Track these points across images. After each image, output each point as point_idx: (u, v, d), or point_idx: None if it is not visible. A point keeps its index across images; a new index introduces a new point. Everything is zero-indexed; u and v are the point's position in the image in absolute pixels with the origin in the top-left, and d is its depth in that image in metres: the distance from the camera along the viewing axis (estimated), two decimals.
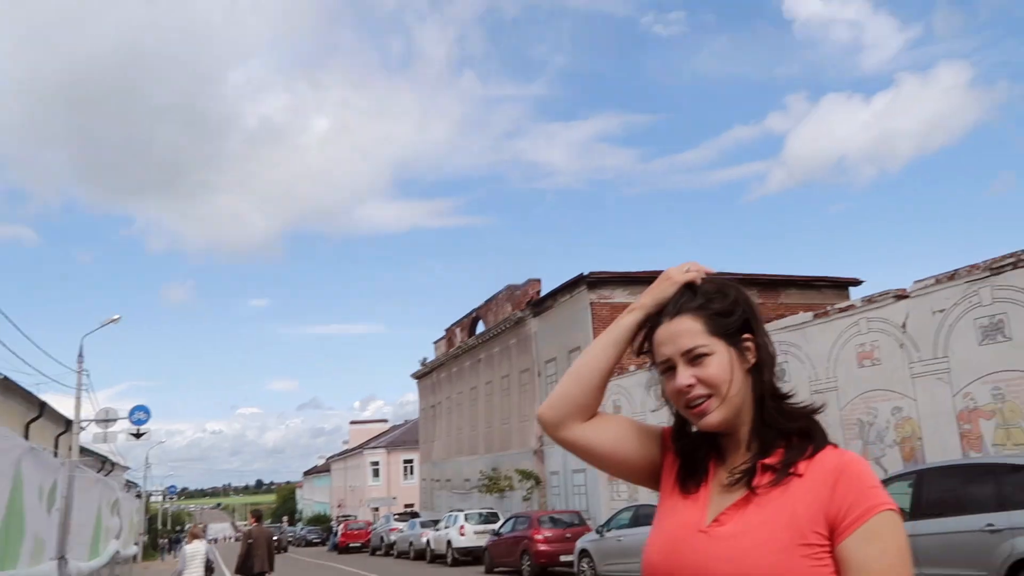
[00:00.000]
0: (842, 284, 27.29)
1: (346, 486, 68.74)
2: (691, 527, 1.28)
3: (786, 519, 1.19)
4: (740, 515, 1.24)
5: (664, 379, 1.34)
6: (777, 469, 1.26)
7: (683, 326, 1.30)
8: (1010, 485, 7.91)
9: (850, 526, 1.16)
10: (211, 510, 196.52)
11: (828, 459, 1.25)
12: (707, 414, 1.28)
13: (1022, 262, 12.17)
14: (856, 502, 1.17)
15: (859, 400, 15.09)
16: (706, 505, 1.30)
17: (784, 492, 1.23)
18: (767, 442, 1.29)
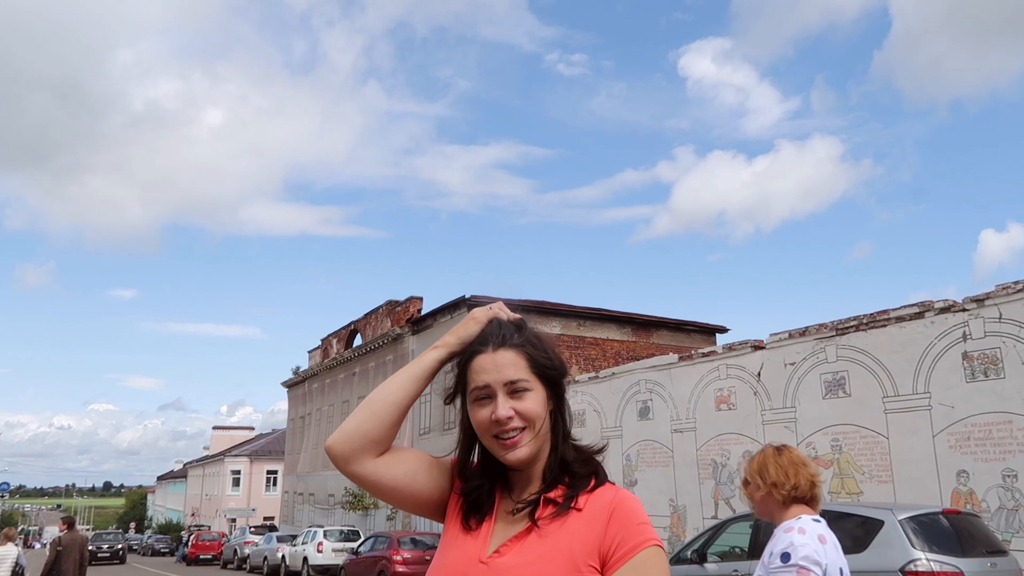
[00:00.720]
0: (710, 330, 28.61)
1: (202, 494, 65.42)
2: (472, 558, 1.30)
3: (564, 552, 1.24)
4: (520, 546, 1.28)
5: (473, 407, 1.36)
6: (559, 503, 1.31)
7: (508, 358, 1.34)
8: (838, 530, 8.28)
9: (619, 560, 1.23)
10: (50, 511, 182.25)
11: (605, 495, 1.32)
12: (518, 447, 1.31)
13: (864, 325, 13.18)
14: (626, 538, 1.24)
15: (714, 441, 15.81)
16: (488, 537, 1.33)
17: (563, 525, 1.28)
18: (554, 478, 1.35)
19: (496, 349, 1.35)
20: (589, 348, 26.34)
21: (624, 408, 18.37)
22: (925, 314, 12.34)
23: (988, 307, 11.55)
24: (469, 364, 1.37)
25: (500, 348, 1.35)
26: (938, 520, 8.06)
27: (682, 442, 16.60)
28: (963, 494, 11.47)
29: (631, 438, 18.00)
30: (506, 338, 1.37)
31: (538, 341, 1.40)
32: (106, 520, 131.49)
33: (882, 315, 12.98)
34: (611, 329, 26.48)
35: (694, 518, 15.90)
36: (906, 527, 7.75)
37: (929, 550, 7.54)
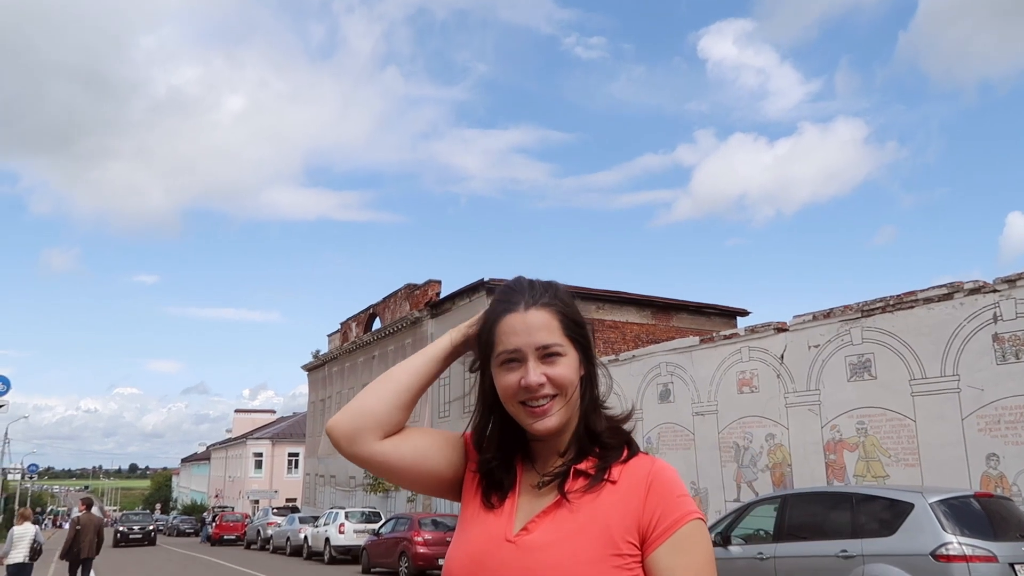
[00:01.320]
0: (730, 313, 28.38)
1: (226, 476, 66.28)
2: (498, 537, 1.20)
3: (599, 528, 1.15)
4: (550, 523, 1.19)
5: (499, 371, 1.24)
6: (591, 475, 1.21)
7: (540, 320, 1.23)
8: (864, 514, 8.32)
9: (660, 536, 1.14)
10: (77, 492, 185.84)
11: (641, 466, 1.22)
12: (548, 416, 1.21)
13: (891, 307, 12.96)
14: (666, 512, 1.16)
15: (736, 424, 15.68)
16: (513, 513, 1.23)
17: (597, 499, 1.19)
18: (583, 449, 1.25)
19: (528, 308, 1.24)
20: (608, 331, 26.22)
21: (645, 391, 18.27)
22: (954, 295, 12.10)
23: (1020, 288, 11.30)
24: (497, 324, 1.25)
25: (532, 307, 1.24)
26: (970, 503, 7.92)
27: (703, 425, 16.48)
28: (993, 477, 11.28)
29: (652, 421, 17.91)
30: (538, 297, 1.26)
31: (570, 300, 1.29)
32: (132, 501, 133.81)
33: (909, 296, 12.75)
34: (631, 312, 26.33)
35: (716, 501, 15.80)
36: (937, 510, 7.62)
37: (961, 534, 7.40)
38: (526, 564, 1.15)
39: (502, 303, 1.27)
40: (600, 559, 1.13)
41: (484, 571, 1.18)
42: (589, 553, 1.14)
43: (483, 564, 1.19)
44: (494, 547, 1.20)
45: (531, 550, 1.16)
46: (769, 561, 8.97)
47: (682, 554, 1.13)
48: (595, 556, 1.13)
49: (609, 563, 1.13)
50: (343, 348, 38.14)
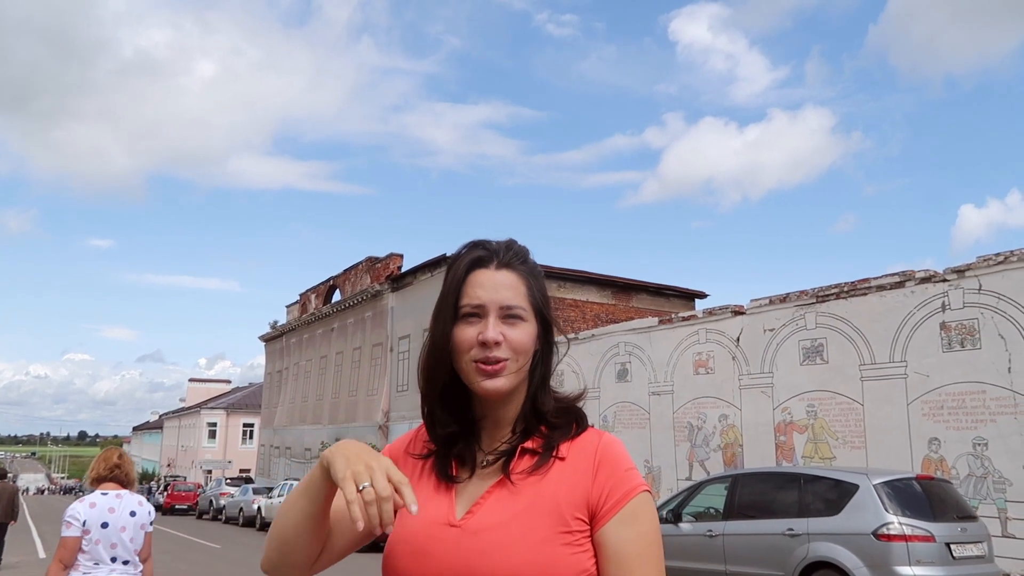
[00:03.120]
0: (689, 295, 28.71)
1: (178, 445, 65.43)
2: (440, 522, 1.16)
3: (548, 506, 1.13)
4: (495, 503, 1.15)
5: (459, 324, 1.20)
6: (539, 452, 1.18)
7: (508, 280, 1.21)
8: (810, 494, 8.54)
9: (610, 511, 1.13)
10: (24, 459, 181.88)
11: (588, 441, 1.20)
12: (499, 376, 1.17)
13: (845, 294, 13.24)
14: (616, 486, 1.14)
15: (691, 404, 15.94)
16: (454, 496, 1.19)
17: (545, 477, 1.16)
18: (530, 427, 1.21)
19: (500, 267, 1.21)
20: (569, 310, 26.35)
21: (603, 370, 18.44)
22: (906, 283, 12.41)
23: (968, 278, 11.62)
24: (466, 278, 1.21)
25: (504, 267, 1.22)
26: (911, 485, 8.18)
27: (659, 404, 16.72)
28: (934, 461, 11.67)
29: (608, 399, 18.11)
30: (512, 258, 1.23)
31: (540, 272, 1.27)
32: (81, 469, 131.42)
33: (863, 283, 13.04)
34: (591, 291, 26.49)
35: (668, 479, 16.09)
36: (880, 491, 7.86)
37: (902, 514, 7.65)
38: (472, 547, 1.11)
39: (474, 257, 1.23)
40: (549, 537, 1.10)
41: (427, 558, 1.13)
42: (538, 532, 1.11)
43: (426, 551, 1.14)
44: (437, 532, 1.15)
45: (477, 532, 1.13)
46: (718, 538, 9.17)
47: (631, 526, 1.13)
48: (544, 535, 1.11)
49: (558, 540, 1.11)
50: (301, 320, 37.75)
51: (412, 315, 27.33)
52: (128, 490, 4.09)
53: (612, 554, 1.11)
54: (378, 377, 29.22)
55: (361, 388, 30.61)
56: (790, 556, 8.29)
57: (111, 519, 3.89)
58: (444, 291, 1.23)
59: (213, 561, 15.28)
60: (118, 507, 3.94)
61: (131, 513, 3.97)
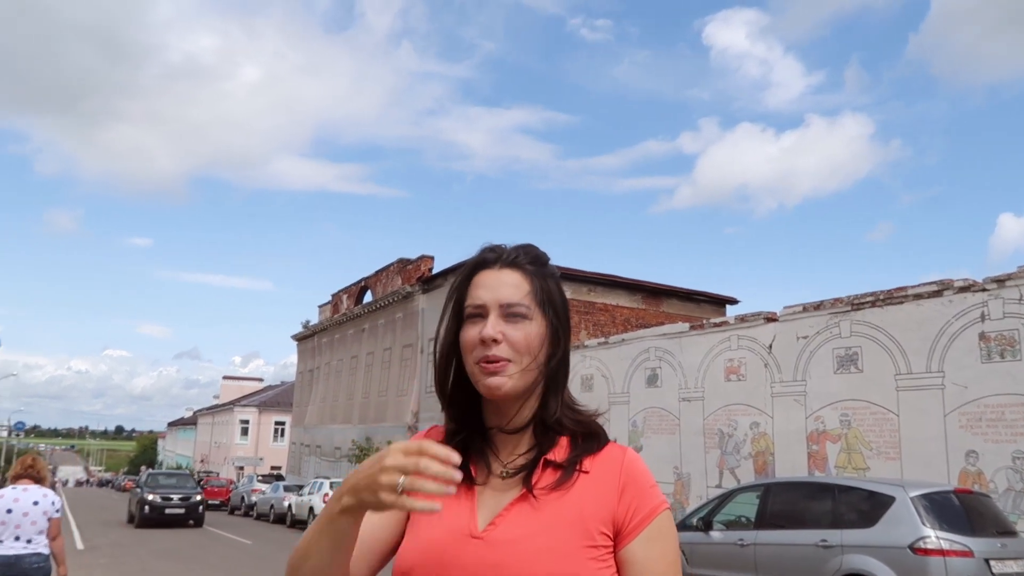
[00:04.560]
0: (720, 301, 28.47)
1: (212, 442, 66.41)
2: (461, 532, 1.12)
3: (573, 519, 1.11)
4: (519, 516, 1.12)
5: (465, 325, 1.17)
6: (564, 465, 1.15)
7: (511, 279, 1.18)
8: (845, 505, 8.43)
9: (636, 528, 1.12)
10: (63, 451, 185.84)
11: (613, 457, 1.18)
12: (499, 375, 1.13)
13: (881, 302, 13.04)
14: (641, 505, 1.14)
15: (722, 411, 15.80)
16: (475, 507, 1.15)
17: (569, 491, 1.13)
18: (548, 439, 1.18)
19: (502, 267, 1.19)
20: (599, 314, 26.29)
21: (632, 375, 18.37)
22: (944, 292, 12.18)
23: (1009, 288, 11.38)
24: (471, 279, 1.20)
25: (506, 266, 1.19)
26: (949, 499, 8.03)
27: (689, 411, 16.60)
28: (971, 474, 11.44)
29: (638, 404, 18.03)
30: (515, 257, 1.21)
31: (552, 271, 1.24)
32: (118, 462, 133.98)
33: (899, 292, 12.83)
34: (621, 296, 26.39)
35: (698, 486, 15.97)
36: (917, 504, 7.73)
37: (939, 528, 7.51)
38: (496, 560, 1.08)
39: (480, 259, 1.22)
40: (575, 551, 1.09)
41: (450, 570, 1.10)
42: (564, 546, 1.09)
43: (448, 563, 1.10)
44: (458, 543, 1.11)
45: (500, 545, 1.09)
46: (749, 548, 9.09)
47: (656, 544, 1.13)
48: (570, 548, 1.09)
49: (584, 555, 1.09)
50: (333, 320, 38.11)
51: None
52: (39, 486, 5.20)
53: (638, 571, 1.11)
54: (408, 378, 29.40)
55: (391, 388, 30.81)
56: (823, 568, 8.18)
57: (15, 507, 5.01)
58: (450, 293, 1.23)
59: (244, 557, 15.49)
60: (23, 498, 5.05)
61: (34, 503, 5.06)
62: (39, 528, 5.06)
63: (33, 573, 5.17)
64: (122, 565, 13.98)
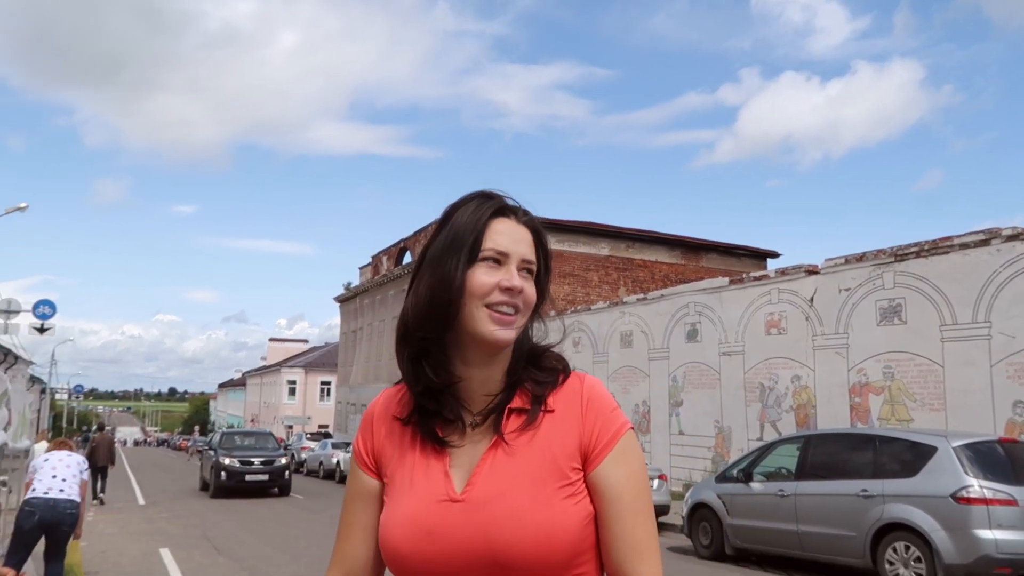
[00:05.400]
0: (761, 255, 28.11)
1: (261, 402, 68.28)
2: (439, 497, 1.11)
3: (546, 463, 1.11)
4: (495, 470, 1.11)
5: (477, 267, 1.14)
6: (528, 409, 1.15)
7: (527, 237, 1.19)
8: (886, 455, 8.41)
9: (602, 452, 1.12)
10: (120, 412, 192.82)
11: (573, 387, 1.18)
12: (511, 327, 1.13)
13: (925, 252, 12.78)
14: (605, 427, 1.14)
15: (763, 365, 15.75)
16: (447, 467, 1.14)
17: (538, 433, 1.13)
18: (515, 383, 1.18)
19: (520, 221, 1.20)
20: (637, 270, 26.20)
21: (672, 330, 18.35)
22: (991, 241, 11.89)
23: None
24: (489, 222, 1.17)
25: (523, 221, 1.20)
26: (994, 448, 7.97)
27: (729, 365, 16.58)
28: (1018, 424, 11.28)
29: (678, 360, 18.04)
30: (528, 214, 1.22)
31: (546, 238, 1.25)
32: (172, 423, 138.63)
33: (945, 241, 12.55)
34: (660, 251, 26.22)
35: (739, 440, 16.02)
36: (960, 454, 7.69)
37: (983, 477, 7.48)
38: (481, 520, 1.08)
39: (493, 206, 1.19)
40: (552, 494, 1.09)
41: (437, 539, 1.09)
42: (541, 492, 1.09)
43: (434, 531, 1.09)
44: (440, 510, 1.10)
45: (482, 505, 1.09)
46: (790, 498, 9.15)
47: (622, 464, 1.13)
48: (547, 493, 1.09)
49: (562, 494, 1.09)
50: (374, 281, 38.59)
51: None
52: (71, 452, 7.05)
53: (607, 494, 1.11)
54: None
55: None
56: (864, 517, 8.22)
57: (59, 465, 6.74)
58: (460, 232, 1.16)
59: (296, 511, 16.06)
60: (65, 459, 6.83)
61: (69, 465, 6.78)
62: (73, 483, 6.65)
63: (66, 517, 6.54)
64: (180, 518, 14.62)
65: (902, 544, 7.86)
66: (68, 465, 6.74)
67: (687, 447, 17.43)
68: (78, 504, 6.67)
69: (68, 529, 6.57)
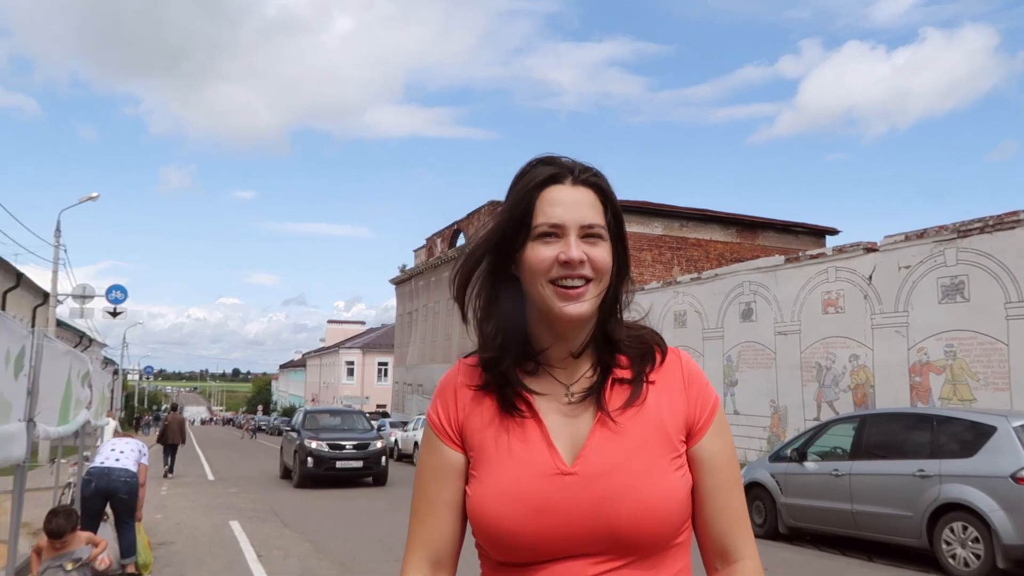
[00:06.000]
0: (819, 232, 27.52)
1: (320, 382, 70.00)
2: (548, 471, 1.08)
3: (658, 435, 1.10)
4: (606, 443, 1.09)
5: (533, 244, 1.10)
6: (632, 381, 1.13)
7: (587, 198, 1.11)
8: (943, 435, 8.29)
9: (705, 425, 1.14)
10: (188, 392, 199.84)
11: (672, 361, 1.18)
12: (582, 300, 1.08)
13: (990, 228, 12.41)
14: (704, 400, 1.15)
15: (819, 345, 15.55)
16: (550, 440, 1.10)
17: (645, 406, 1.12)
18: (609, 357, 1.15)
19: (575, 183, 1.12)
20: (692, 249, 25.96)
21: (727, 309, 18.21)
22: None
23: None
24: (538, 193, 1.11)
25: (579, 183, 1.12)
26: None
27: (785, 344, 16.40)
28: None
29: (732, 339, 17.91)
30: (587, 172, 1.13)
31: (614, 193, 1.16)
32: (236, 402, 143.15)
33: (1011, 216, 12.17)
34: (715, 230, 25.93)
35: (795, 419, 15.87)
36: (1021, 434, 7.55)
37: None
38: (593, 494, 1.06)
39: (543, 174, 1.12)
40: (665, 466, 1.09)
41: (551, 515, 1.06)
42: (657, 462, 1.08)
43: (543, 506, 1.06)
44: (549, 484, 1.07)
45: (597, 478, 1.06)
46: (844, 478, 9.10)
47: (720, 436, 1.15)
48: (660, 465, 1.08)
49: (672, 466, 1.09)
50: (429, 263, 39.07)
51: None
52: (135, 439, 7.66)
53: (710, 465, 1.13)
54: None
55: None
56: (920, 497, 8.14)
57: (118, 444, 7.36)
58: (512, 208, 1.12)
59: (358, 487, 16.52)
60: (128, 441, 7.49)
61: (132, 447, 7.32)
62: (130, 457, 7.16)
63: (121, 486, 6.89)
64: (247, 493, 15.22)
65: (959, 524, 7.77)
66: (127, 443, 7.37)
67: (742, 427, 17.34)
68: (134, 475, 7.05)
69: (126, 497, 6.91)
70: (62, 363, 5.39)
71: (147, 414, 62.72)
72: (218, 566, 7.97)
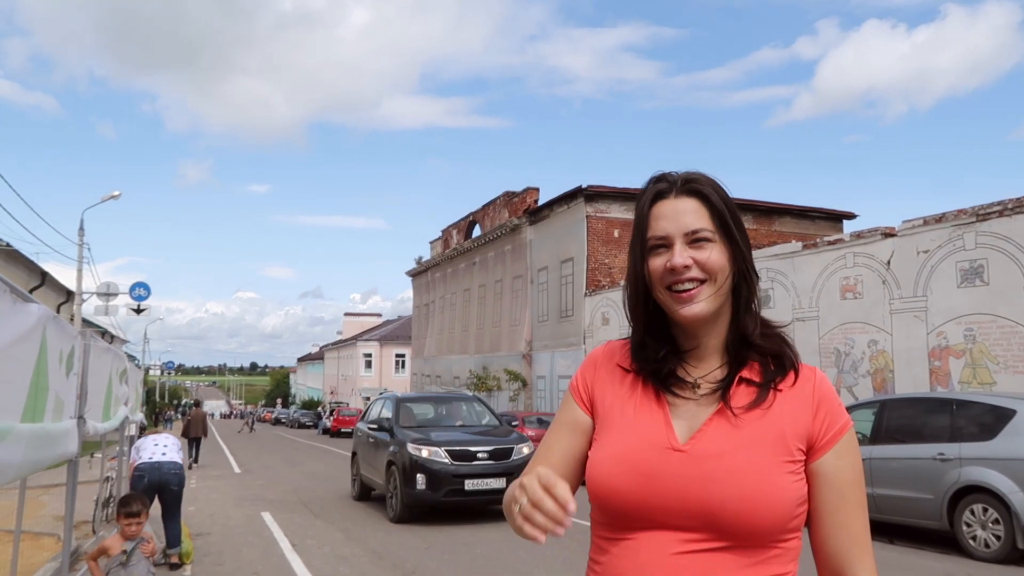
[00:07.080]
0: (836, 216, 27.40)
1: (339, 375, 70.51)
2: (660, 445, 1.18)
3: (774, 436, 1.16)
4: (720, 432, 1.17)
5: (650, 257, 1.22)
6: (759, 384, 1.21)
7: (689, 206, 1.21)
8: (963, 419, 8.37)
9: (829, 443, 1.19)
10: (207, 387, 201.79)
11: (807, 376, 1.24)
12: (695, 301, 1.18)
13: (1009, 211, 12.40)
14: (833, 421, 1.20)
15: (838, 330, 15.59)
16: (669, 419, 1.21)
17: (768, 408, 1.19)
18: (740, 356, 1.23)
19: (678, 195, 1.23)
20: None
21: None
22: None
23: None
24: (649, 210, 1.24)
25: (682, 193, 1.23)
26: None
27: (803, 331, 16.45)
28: None
29: None
30: (688, 182, 1.24)
31: (724, 192, 1.25)
32: (255, 396, 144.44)
33: None
34: None
35: None
36: None
37: None
38: (701, 474, 1.14)
39: (656, 190, 1.25)
40: (775, 465, 1.14)
41: (655, 481, 1.15)
42: (766, 460, 1.14)
43: (653, 473, 1.16)
44: (659, 455, 1.17)
45: (704, 459, 1.15)
46: (865, 462, 9.17)
47: (846, 457, 1.20)
48: (770, 463, 1.14)
49: (784, 468, 1.15)
50: (445, 255, 39.25)
51: (550, 247, 27.86)
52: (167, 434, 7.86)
53: (831, 482, 1.18)
54: (520, 308, 30.17)
55: (504, 319, 31.74)
56: (940, 480, 8.24)
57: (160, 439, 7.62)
58: (635, 227, 1.27)
59: None
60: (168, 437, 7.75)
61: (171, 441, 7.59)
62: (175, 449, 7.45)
63: (171, 478, 7.21)
64: (275, 485, 15.51)
65: (980, 506, 7.87)
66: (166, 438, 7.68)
67: None
68: (181, 467, 7.41)
69: (176, 489, 7.28)
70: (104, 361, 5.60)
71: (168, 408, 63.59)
72: (255, 555, 8.21)
